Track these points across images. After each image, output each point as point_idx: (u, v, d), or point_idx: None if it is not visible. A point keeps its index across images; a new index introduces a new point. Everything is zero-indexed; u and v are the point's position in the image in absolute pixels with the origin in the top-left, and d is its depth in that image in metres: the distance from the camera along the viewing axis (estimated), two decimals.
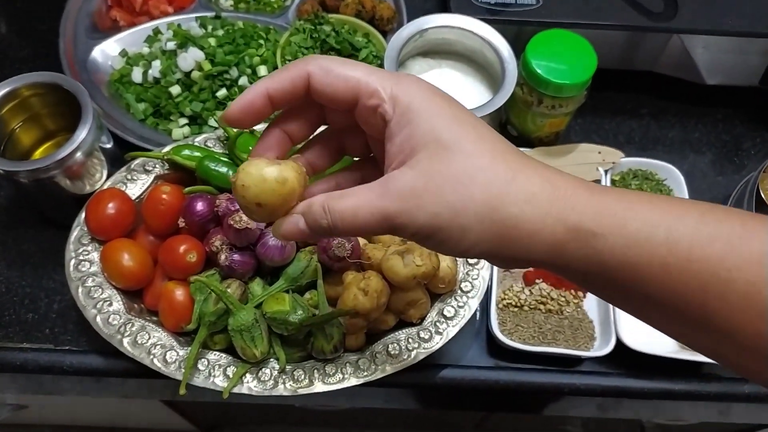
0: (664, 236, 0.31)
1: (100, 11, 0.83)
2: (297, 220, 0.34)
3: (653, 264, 0.31)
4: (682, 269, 0.30)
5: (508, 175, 0.32)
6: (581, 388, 0.63)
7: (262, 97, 0.34)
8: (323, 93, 0.34)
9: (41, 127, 0.69)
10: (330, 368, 0.58)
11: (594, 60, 0.67)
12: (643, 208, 0.32)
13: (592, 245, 0.32)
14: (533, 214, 0.32)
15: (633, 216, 0.32)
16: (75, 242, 0.62)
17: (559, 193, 0.32)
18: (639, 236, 0.31)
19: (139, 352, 0.58)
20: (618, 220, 0.31)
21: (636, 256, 0.31)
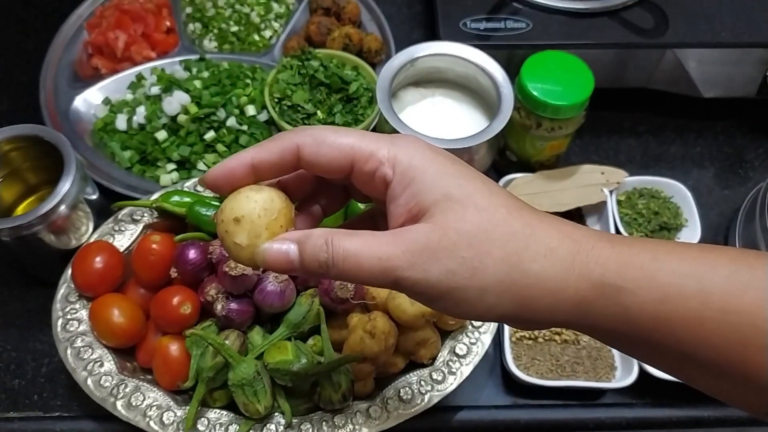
0: (696, 288, 0.29)
1: (80, 60, 0.81)
2: (288, 248, 0.32)
3: (687, 318, 0.29)
4: (720, 322, 0.28)
5: (525, 230, 0.30)
6: (606, 422, 0.60)
7: (244, 167, 0.33)
8: (316, 164, 0.33)
9: (23, 181, 0.66)
10: (339, 419, 0.54)
11: (591, 79, 0.65)
12: (670, 258, 0.30)
13: (619, 301, 0.30)
14: (555, 270, 0.30)
15: (660, 267, 0.30)
16: (62, 300, 0.59)
17: (580, 247, 0.31)
18: (669, 289, 0.29)
19: (134, 414, 0.54)
20: (645, 272, 0.30)
21: (668, 311, 0.29)
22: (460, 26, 0.73)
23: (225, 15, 0.83)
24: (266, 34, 0.83)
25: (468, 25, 0.73)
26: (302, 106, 0.69)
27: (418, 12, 0.89)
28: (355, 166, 0.32)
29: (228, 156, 0.69)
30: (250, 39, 0.83)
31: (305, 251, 0.31)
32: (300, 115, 0.69)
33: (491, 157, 0.69)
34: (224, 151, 0.71)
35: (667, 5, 0.75)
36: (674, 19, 0.74)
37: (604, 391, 0.61)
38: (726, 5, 0.75)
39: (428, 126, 0.68)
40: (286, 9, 0.85)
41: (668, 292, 0.29)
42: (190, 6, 0.85)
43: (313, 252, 0.31)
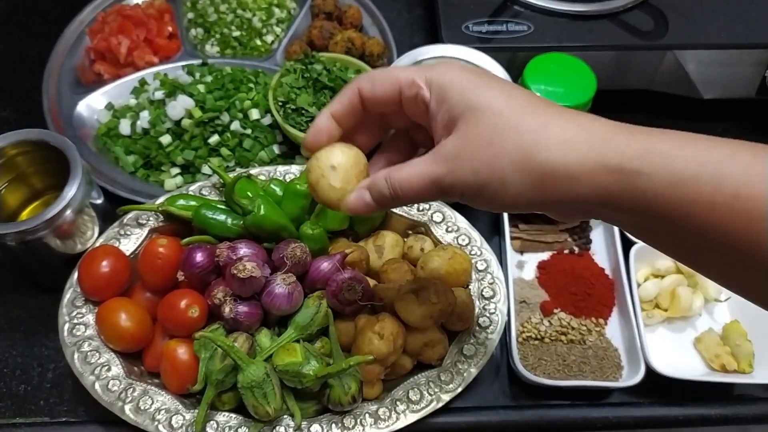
0: (712, 174, 0.30)
1: (83, 66, 0.81)
2: (362, 194, 0.39)
3: (699, 203, 0.31)
4: (730, 207, 0.30)
5: (539, 125, 0.33)
6: (613, 421, 0.60)
7: (327, 120, 0.40)
8: (374, 99, 0.39)
9: (28, 186, 0.66)
10: (348, 420, 0.54)
11: (593, 81, 0.66)
12: (690, 147, 0.32)
13: (636, 185, 0.31)
14: (568, 159, 0.32)
15: (679, 154, 0.31)
16: (68, 305, 0.59)
17: (597, 136, 0.33)
18: (685, 174, 0.31)
19: (142, 418, 0.54)
20: (663, 159, 0.31)
21: (682, 194, 0.31)
22: (462, 29, 0.74)
23: (227, 20, 0.83)
24: (268, 39, 0.83)
25: (470, 28, 0.74)
26: (306, 110, 0.69)
27: (418, 16, 0.90)
28: (402, 93, 0.38)
29: (232, 159, 0.69)
30: (252, 44, 0.83)
31: (374, 192, 0.38)
32: (304, 118, 0.69)
33: None
34: (228, 155, 0.71)
35: (666, 8, 0.76)
36: (674, 21, 0.75)
37: (611, 390, 0.61)
38: (725, 7, 0.76)
39: None
40: (287, 14, 0.86)
41: (684, 178, 0.31)
42: (192, 11, 0.85)
43: (379, 190, 0.38)
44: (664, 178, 0.31)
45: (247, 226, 0.59)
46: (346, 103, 0.40)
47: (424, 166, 0.36)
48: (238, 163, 0.71)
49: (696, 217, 0.31)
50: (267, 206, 0.58)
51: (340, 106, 0.40)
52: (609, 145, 0.32)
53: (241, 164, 0.71)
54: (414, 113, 0.39)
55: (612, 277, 0.67)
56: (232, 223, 0.60)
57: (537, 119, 0.34)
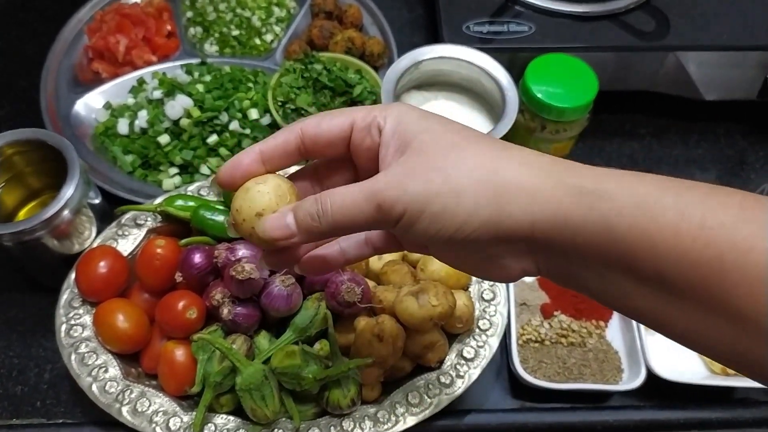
0: (674, 201, 0.28)
1: (81, 64, 0.80)
2: (284, 216, 0.33)
3: (665, 230, 0.28)
4: (696, 236, 0.27)
5: (500, 146, 0.32)
6: (614, 424, 0.60)
7: (253, 158, 0.35)
8: (320, 137, 0.35)
9: (25, 186, 0.65)
10: (347, 423, 0.54)
11: (595, 82, 0.66)
12: (650, 177, 0.30)
13: (598, 208, 0.29)
14: (530, 176, 0.30)
15: (639, 181, 0.30)
16: (65, 306, 0.58)
17: (558, 163, 0.31)
18: (648, 198, 0.29)
19: (140, 420, 0.53)
20: (624, 183, 0.29)
21: (646, 220, 0.28)
22: (463, 29, 0.73)
23: (226, 19, 0.83)
24: (267, 38, 0.83)
25: (471, 28, 0.73)
26: (306, 110, 0.69)
27: (419, 15, 0.90)
28: (354, 127, 0.34)
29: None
30: (252, 43, 0.82)
31: (298, 212, 0.33)
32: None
33: None
34: (227, 154, 0.71)
35: (668, 9, 0.75)
36: (675, 22, 0.74)
37: (611, 393, 0.61)
38: (727, 9, 0.75)
39: None
40: (287, 13, 0.85)
41: (647, 202, 0.29)
42: (191, 10, 0.84)
43: (305, 209, 0.33)
44: (626, 200, 0.29)
45: None
46: (280, 143, 0.35)
47: (365, 182, 0.32)
48: None
49: (660, 249, 0.28)
50: None
51: (274, 144, 0.35)
52: (570, 169, 0.31)
53: None
54: (362, 151, 0.35)
55: None
56: None
57: (497, 143, 0.32)
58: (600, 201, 0.29)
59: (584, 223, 0.29)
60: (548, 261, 0.32)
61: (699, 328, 0.29)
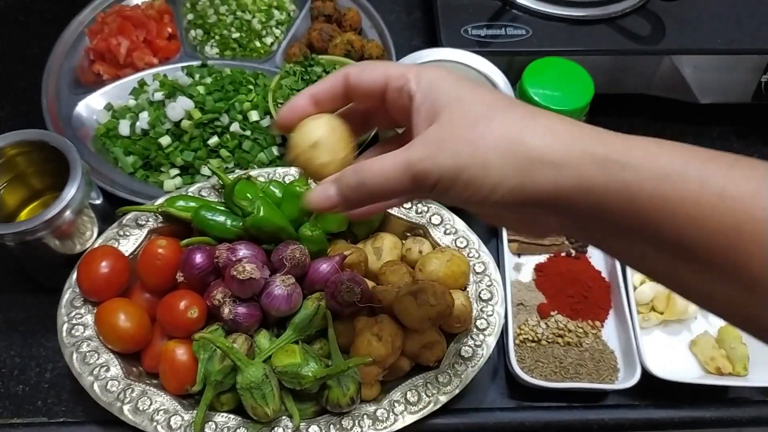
0: (697, 172, 0.29)
1: (82, 66, 0.81)
2: (326, 188, 0.36)
3: (686, 199, 0.29)
4: (715, 206, 0.29)
5: (527, 114, 0.33)
6: (609, 423, 0.60)
7: (306, 99, 0.39)
8: (359, 85, 0.38)
9: (27, 186, 0.66)
10: (347, 422, 0.55)
11: (591, 85, 0.67)
12: (674, 147, 0.31)
13: (621, 178, 0.30)
14: (556, 145, 0.31)
15: (663, 152, 0.31)
16: (67, 305, 0.59)
17: (585, 130, 0.32)
18: (671, 169, 0.30)
19: (141, 419, 0.54)
20: (648, 153, 0.30)
21: (668, 190, 0.30)
22: (461, 33, 0.74)
23: (226, 22, 0.84)
24: (267, 41, 0.84)
25: (469, 31, 0.74)
26: None
27: (417, 19, 0.90)
28: (388, 85, 0.37)
29: (231, 160, 0.69)
30: (252, 45, 0.83)
31: (340, 183, 0.36)
32: None
33: None
34: (228, 156, 0.71)
35: (663, 13, 0.76)
36: (671, 26, 0.75)
37: (607, 392, 0.62)
38: (721, 13, 0.76)
39: None
40: (287, 16, 0.86)
41: (669, 172, 0.30)
42: (192, 13, 0.85)
43: (345, 180, 0.36)
44: (649, 172, 0.30)
45: (247, 227, 0.59)
46: (328, 87, 0.39)
47: (399, 152, 0.34)
48: (238, 165, 0.72)
49: (680, 217, 0.29)
50: (266, 208, 0.59)
51: (322, 87, 0.39)
52: (596, 138, 0.32)
53: (241, 166, 0.72)
54: (396, 108, 0.37)
55: (608, 279, 0.68)
56: (232, 224, 0.60)
57: (525, 111, 0.34)
58: (623, 171, 0.30)
59: (606, 191, 0.31)
60: (572, 223, 0.34)
61: (714, 292, 0.31)
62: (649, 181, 0.30)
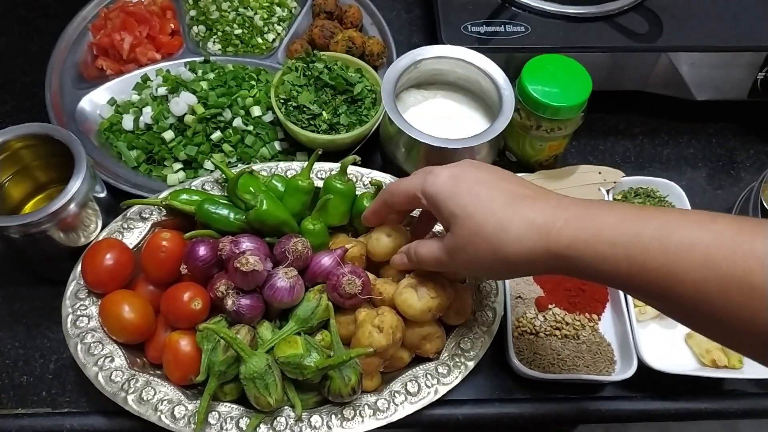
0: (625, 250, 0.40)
1: (85, 61, 0.82)
2: (401, 257, 0.56)
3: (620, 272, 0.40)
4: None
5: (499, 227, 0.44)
6: (606, 414, 0.61)
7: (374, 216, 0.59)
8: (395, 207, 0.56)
9: (32, 179, 0.67)
10: (348, 411, 0.56)
11: (589, 81, 0.67)
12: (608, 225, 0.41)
13: (575, 264, 0.42)
14: (523, 251, 0.44)
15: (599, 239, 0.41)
16: (71, 297, 0.59)
17: (542, 231, 0.43)
18: (606, 254, 0.41)
19: (145, 409, 0.55)
20: (587, 244, 0.42)
21: (606, 270, 0.41)
22: (461, 30, 0.75)
23: (229, 18, 0.84)
24: (269, 37, 0.84)
25: (469, 28, 0.75)
26: (308, 107, 0.70)
27: (417, 16, 0.91)
28: (411, 204, 0.52)
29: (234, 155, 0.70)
30: (254, 42, 0.84)
31: (408, 256, 0.55)
32: (306, 116, 0.70)
33: (492, 158, 0.70)
34: (230, 151, 0.72)
35: (661, 11, 0.77)
36: (668, 24, 0.76)
37: (604, 384, 0.63)
38: (718, 11, 0.77)
39: (430, 127, 0.69)
40: (288, 13, 0.87)
41: (605, 257, 0.40)
42: (194, 9, 0.86)
43: (409, 257, 0.55)
44: (590, 260, 0.41)
45: (250, 220, 0.60)
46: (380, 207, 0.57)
47: (435, 250, 0.50)
48: (240, 159, 0.72)
49: (618, 281, 0.40)
50: (269, 201, 0.59)
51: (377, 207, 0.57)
52: (549, 238, 0.42)
53: (243, 160, 0.72)
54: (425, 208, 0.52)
55: None
56: (235, 217, 0.61)
57: (498, 221, 0.44)
58: (573, 261, 0.42)
59: (570, 272, 0.43)
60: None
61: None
62: (591, 267, 0.42)
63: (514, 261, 0.44)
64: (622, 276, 0.39)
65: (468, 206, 0.46)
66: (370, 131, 0.73)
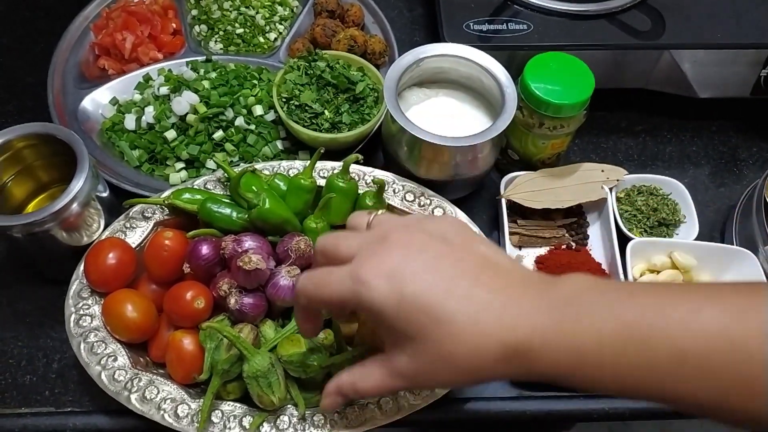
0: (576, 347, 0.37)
1: (87, 61, 0.82)
2: (335, 400, 0.46)
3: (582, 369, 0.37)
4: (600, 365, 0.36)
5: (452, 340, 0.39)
6: (609, 412, 0.61)
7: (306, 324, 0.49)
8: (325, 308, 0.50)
9: (34, 179, 0.67)
10: (351, 411, 0.55)
11: (591, 79, 0.67)
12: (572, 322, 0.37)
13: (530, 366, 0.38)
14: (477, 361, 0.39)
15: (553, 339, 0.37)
16: (74, 296, 0.59)
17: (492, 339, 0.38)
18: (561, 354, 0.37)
19: (148, 408, 0.55)
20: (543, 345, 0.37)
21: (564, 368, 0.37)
22: (463, 28, 0.75)
23: (230, 17, 0.84)
24: (271, 36, 0.84)
25: (471, 26, 0.75)
26: (310, 106, 0.70)
27: (419, 15, 0.91)
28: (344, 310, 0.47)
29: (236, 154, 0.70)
30: (255, 41, 0.84)
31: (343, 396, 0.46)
32: (308, 115, 0.70)
33: (494, 156, 0.70)
34: (232, 150, 0.72)
35: (663, 8, 0.77)
36: (670, 21, 0.76)
37: None
38: (720, 8, 0.77)
39: (432, 125, 0.69)
40: (290, 12, 0.87)
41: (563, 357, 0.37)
42: (196, 8, 0.86)
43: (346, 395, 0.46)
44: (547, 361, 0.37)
45: (252, 219, 0.60)
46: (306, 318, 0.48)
47: (385, 380, 0.43)
48: (242, 158, 0.72)
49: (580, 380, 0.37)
50: (272, 200, 0.59)
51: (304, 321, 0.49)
52: (503, 343, 0.38)
53: (245, 159, 0.72)
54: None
55: (609, 271, 0.68)
56: (237, 216, 0.61)
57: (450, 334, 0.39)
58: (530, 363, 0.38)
59: (528, 375, 0.39)
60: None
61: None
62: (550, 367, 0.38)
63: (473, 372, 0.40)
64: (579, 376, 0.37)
65: (426, 327, 0.39)
66: (372, 130, 0.73)
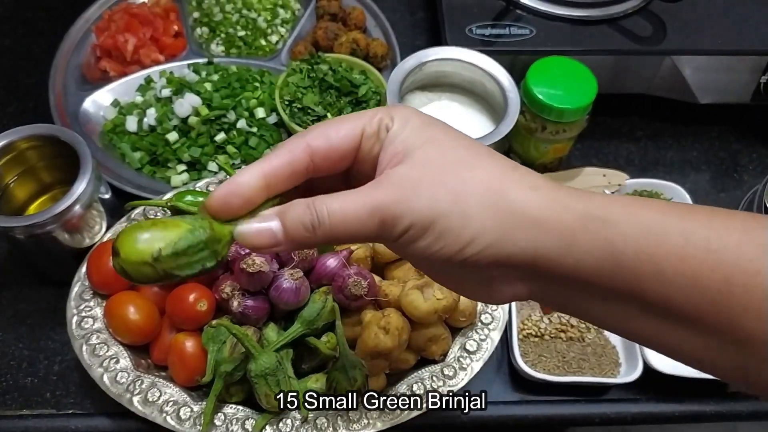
0: (679, 226, 0.28)
1: (88, 63, 0.82)
2: (269, 224, 0.29)
3: (671, 255, 0.28)
4: (702, 260, 0.27)
5: (508, 166, 0.30)
6: (611, 416, 0.61)
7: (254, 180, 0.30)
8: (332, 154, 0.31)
9: (37, 180, 0.67)
10: (354, 414, 0.55)
11: (594, 84, 0.68)
12: (653, 203, 0.30)
13: (603, 235, 0.28)
14: (539, 201, 0.29)
15: (643, 206, 0.29)
16: (76, 298, 0.59)
17: (562, 188, 0.30)
18: (653, 224, 0.28)
19: (150, 410, 0.54)
20: (628, 209, 0.29)
21: (652, 246, 0.28)
22: (465, 32, 0.75)
23: (232, 20, 0.84)
24: (273, 39, 0.84)
25: (473, 31, 0.75)
26: (312, 109, 0.70)
27: (421, 18, 0.91)
28: (363, 134, 0.31)
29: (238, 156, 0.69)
30: (257, 44, 0.84)
31: (287, 220, 0.29)
32: (310, 117, 0.70)
33: None
34: (234, 152, 0.72)
35: (665, 14, 0.77)
36: (672, 27, 0.77)
37: (609, 386, 0.63)
38: (721, 15, 0.77)
39: None
40: (292, 14, 0.87)
41: (652, 228, 0.28)
42: (198, 11, 0.86)
43: (297, 217, 0.29)
44: (631, 227, 0.28)
45: None
46: (285, 162, 0.30)
47: (363, 192, 0.29)
48: (244, 161, 0.72)
49: (668, 274, 0.28)
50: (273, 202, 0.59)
51: (278, 162, 0.30)
52: (574, 195, 0.30)
53: (247, 162, 0.72)
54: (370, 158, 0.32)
55: None
56: None
57: (505, 162, 0.31)
58: (605, 227, 0.28)
59: (589, 249, 0.29)
60: (545, 287, 0.31)
61: (705, 351, 0.29)
62: (632, 237, 0.28)
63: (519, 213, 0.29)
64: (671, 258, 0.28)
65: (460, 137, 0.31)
66: None
